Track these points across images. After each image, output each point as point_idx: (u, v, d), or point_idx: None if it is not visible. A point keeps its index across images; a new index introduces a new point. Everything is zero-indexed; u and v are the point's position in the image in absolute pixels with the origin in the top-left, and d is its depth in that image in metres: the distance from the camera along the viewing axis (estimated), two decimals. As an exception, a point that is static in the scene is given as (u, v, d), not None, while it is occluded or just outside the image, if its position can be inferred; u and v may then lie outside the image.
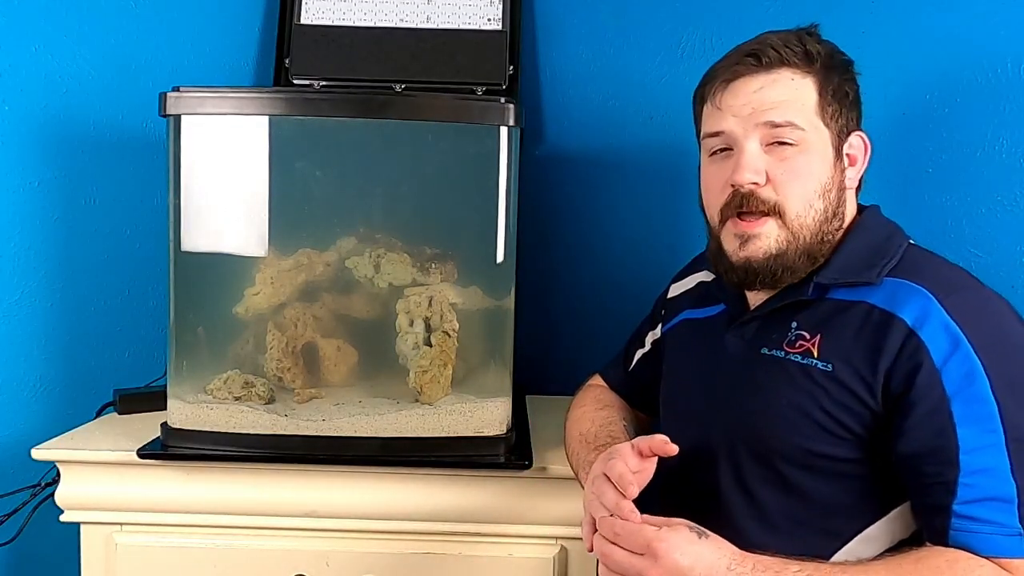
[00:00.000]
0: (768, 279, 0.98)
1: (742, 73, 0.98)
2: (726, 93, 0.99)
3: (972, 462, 0.86)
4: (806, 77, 0.98)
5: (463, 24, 1.48)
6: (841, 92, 0.99)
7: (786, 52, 0.97)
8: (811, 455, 0.94)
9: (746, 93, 0.98)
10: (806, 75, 0.98)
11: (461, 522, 1.20)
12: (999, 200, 1.44)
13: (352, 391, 1.26)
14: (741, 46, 1.01)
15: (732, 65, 0.99)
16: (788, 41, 0.98)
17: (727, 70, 0.99)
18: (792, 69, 0.98)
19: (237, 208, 1.22)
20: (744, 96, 0.98)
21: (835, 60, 1.00)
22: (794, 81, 0.97)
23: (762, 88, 0.97)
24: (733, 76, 0.99)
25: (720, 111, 0.99)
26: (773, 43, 0.98)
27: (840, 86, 0.99)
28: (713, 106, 1.00)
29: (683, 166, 1.52)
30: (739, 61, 0.99)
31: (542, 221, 1.57)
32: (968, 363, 0.88)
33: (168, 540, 1.22)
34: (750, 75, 0.98)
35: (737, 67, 0.98)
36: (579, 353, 1.58)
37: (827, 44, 1.00)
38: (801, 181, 0.97)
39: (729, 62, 1.00)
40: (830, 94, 0.98)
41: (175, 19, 1.56)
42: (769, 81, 0.97)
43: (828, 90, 0.98)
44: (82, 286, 1.58)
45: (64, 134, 1.56)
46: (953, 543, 0.86)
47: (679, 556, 0.85)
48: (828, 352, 0.95)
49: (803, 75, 0.98)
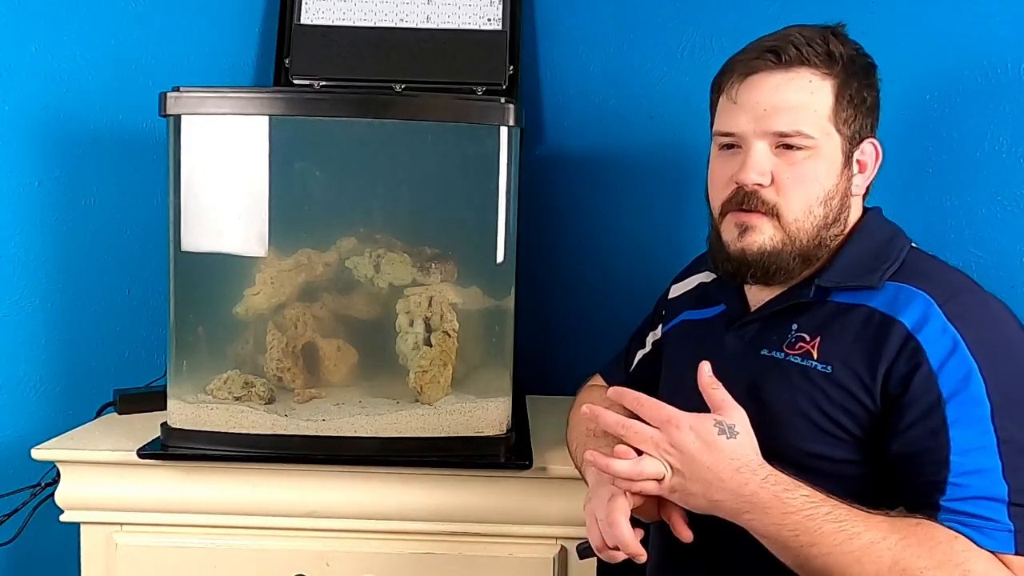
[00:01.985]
0: (760, 274, 0.98)
1: (760, 68, 0.97)
2: (742, 87, 0.98)
3: (963, 463, 0.86)
4: (825, 80, 0.96)
5: (463, 24, 1.48)
6: (859, 98, 0.98)
7: (807, 51, 0.96)
8: (809, 456, 0.94)
9: (762, 90, 0.97)
10: (825, 78, 0.96)
11: (461, 522, 1.20)
12: (999, 200, 1.44)
13: (352, 391, 1.26)
14: (763, 39, 0.99)
15: (751, 59, 0.98)
16: (811, 39, 0.97)
17: (745, 64, 0.98)
18: (811, 70, 0.96)
19: (237, 208, 1.22)
20: (759, 93, 0.97)
21: (857, 64, 0.99)
22: (811, 83, 0.96)
23: (778, 87, 0.96)
24: (751, 71, 0.98)
25: (735, 105, 0.99)
26: (795, 40, 0.97)
27: (858, 92, 0.98)
28: (728, 99, 1.00)
29: (683, 166, 1.52)
30: (758, 56, 0.98)
31: (542, 221, 1.57)
32: (965, 366, 0.88)
33: (168, 540, 1.22)
34: (767, 72, 0.97)
35: (756, 62, 0.97)
36: (579, 353, 1.58)
37: (851, 46, 0.99)
38: (805, 187, 0.96)
39: (748, 55, 0.99)
40: (847, 100, 0.97)
41: (175, 19, 1.56)
42: (786, 80, 0.96)
43: (845, 95, 0.97)
44: (82, 286, 1.58)
45: (64, 134, 1.56)
46: None
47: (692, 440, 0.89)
48: (828, 354, 0.95)
49: (822, 77, 0.96)
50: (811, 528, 0.85)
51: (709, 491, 0.89)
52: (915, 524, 0.86)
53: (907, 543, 0.84)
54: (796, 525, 0.85)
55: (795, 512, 0.86)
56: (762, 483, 0.87)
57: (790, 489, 0.87)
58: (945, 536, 0.85)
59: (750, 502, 0.87)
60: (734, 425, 0.91)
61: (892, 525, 0.86)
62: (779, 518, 0.86)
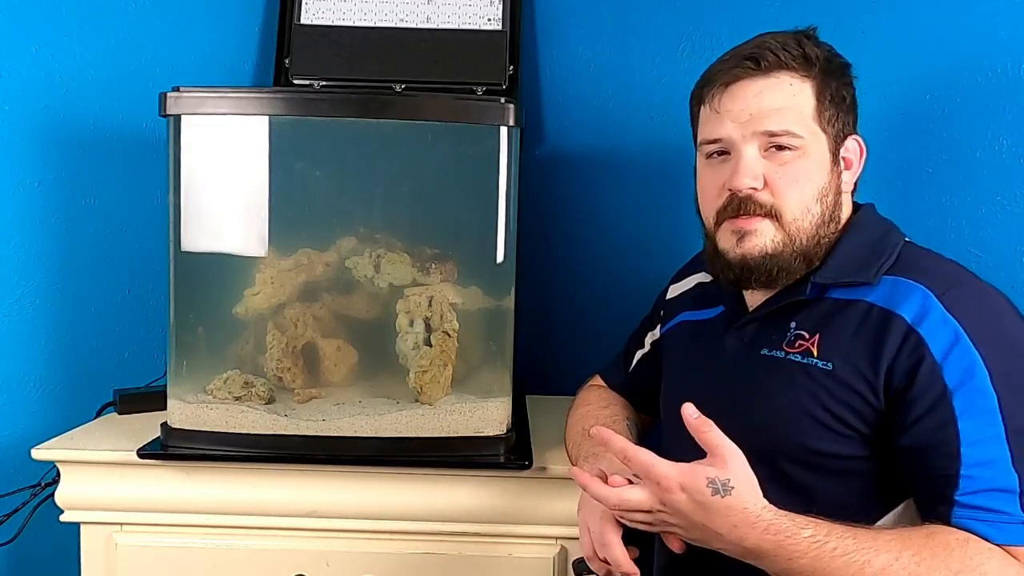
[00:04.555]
0: (763, 278, 0.99)
1: (741, 77, 0.98)
2: (724, 96, 0.99)
3: (973, 454, 0.86)
4: (804, 82, 0.98)
5: (463, 24, 1.48)
6: (839, 97, 0.99)
7: (784, 55, 0.97)
8: (814, 454, 0.94)
9: (745, 97, 0.98)
10: (804, 79, 0.98)
11: (461, 522, 1.20)
12: (999, 200, 1.44)
13: (352, 391, 1.26)
14: (739, 48, 1.01)
15: (731, 68, 0.99)
16: (787, 44, 0.98)
17: (726, 73, 0.99)
18: (791, 73, 0.97)
19: (237, 208, 1.22)
20: (743, 100, 0.98)
21: (833, 64, 1.00)
22: (792, 86, 0.97)
23: (761, 93, 0.97)
24: (732, 80, 0.98)
25: (719, 115, 0.99)
26: (771, 46, 0.98)
27: (838, 91, 0.99)
28: (711, 110, 1.00)
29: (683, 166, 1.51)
30: (738, 64, 0.98)
31: (542, 221, 1.57)
32: (968, 357, 0.88)
33: (168, 540, 1.22)
34: (749, 79, 0.98)
35: (736, 70, 0.98)
36: (579, 353, 1.58)
37: (825, 47, 1.00)
38: (799, 186, 0.97)
39: (727, 65, 1.00)
40: (828, 99, 0.98)
41: (175, 19, 1.56)
42: (768, 86, 0.97)
43: (826, 95, 0.98)
44: (82, 286, 1.58)
45: (64, 134, 1.56)
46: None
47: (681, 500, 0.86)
48: (828, 351, 0.95)
49: (801, 80, 0.98)
50: (820, 569, 0.84)
51: (710, 542, 0.88)
52: (925, 535, 0.86)
53: (921, 558, 0.83)
54: (804, 568, 0.85)
55: (801, 556, 0.85)
56: (762, 535, 0.85)
57: (792, 536, 0.85)
58: (957, 541, 0.85)
59: (753, 554, 0.86)
60: (728, 480, 0.85)
61: (903, 542, 0.85)
62: (786, 563, 0.86)
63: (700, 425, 0.88)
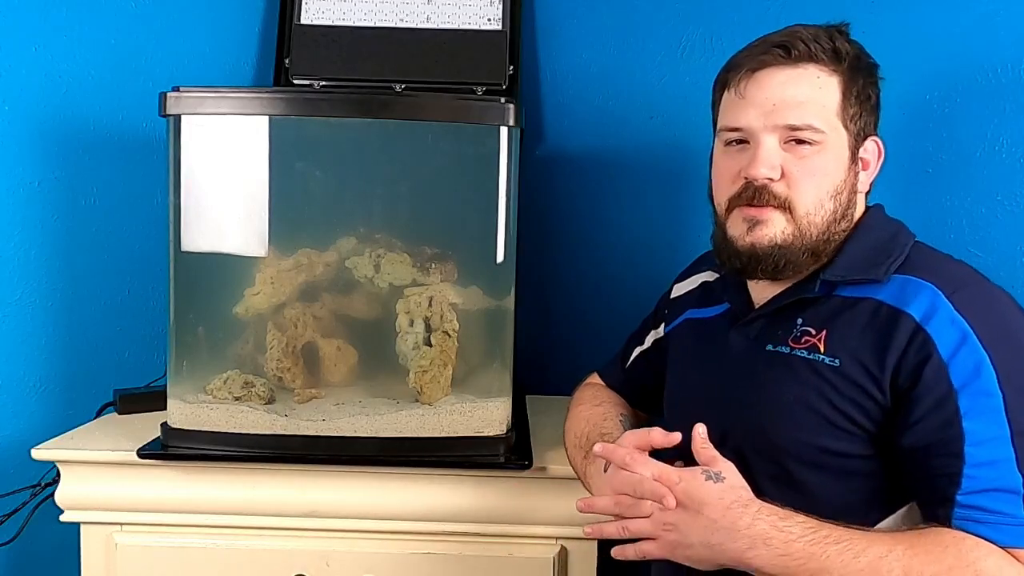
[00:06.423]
0: (770, 268, 0.98)
1: (768, 64, 0.97)
2: (750, 83, 0.98)
3: (977, 454, 0.86)
4: (832, 76, 0.97)
5: (463, 24, 1.48)
6: (864, 95, 0.99)
7: (815, 47, 0.97)
8: (819, 451, 0.94)
9: (770, 86, 0.97)
10: (832, 74, 0.97)
11: (461, 522, 1.20)
12: (999, 200, 1.44)
13: (352, 391, 1.26)
14: (769, 36, 1.00)
15: (759, 55, 0.98)
16: (818, 36, 0.98)
17: (753, 59, 0.98)
18: (819, 66, 0.97)
19: (237, 208, 1.22)
20: (768, 88, 0.97)
21: (862, 62, 0.99)
22: (819, 79, 0.97)
23: (786, 82, 0.97)
24: (759, 66, 0.98)
25: (743, 100, 0.98)
26: (803, 36, 0.97)
27: (863, 89, 0.99)
28: (736, 95, 1.00)
29: (684, 165, 1.52)
30: (766, 51, 0.98)
31: (542, 221, 1.57)
32: (976, 356, 0.88)
33: (168, 540, 1.22)
34: (776, 67, 0.97)
35: (764, 57, 0.98)
36: (579, 353, 1.58)
37: (856, 44, 1.00)
38: (815, 180, 0.97)
39: (755, 51, 0.99)
40: (853, 96, 0.98)
41: (175, 19, 1.56)
42: (795, 76, 0.97)
43: (852, 92, 0.98)
44: (82, 286, 1.58)
45: (64, 134, 1.56)
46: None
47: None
48: (835, 347, 0.95)
49: (829, 74, 0.97)
50: (817, 553, 0.85)
51: (706, 535, 0.89)
52: (918, 533, 0.86)
53: (914, 551, 0.84)
54: (801, 553, 0.85)
55: (796, 539, 0.86)
56: (756, 515, 0.87)
57: (785, 518, 0.87)
58: (952, 539, 0.85)
59: (748, 536, 0.87)
60: (720, 472, 0.92)
61: (894, 537, 0.86)
62: (783, 547, 0.86)
63: (702, 443, 0.95)
